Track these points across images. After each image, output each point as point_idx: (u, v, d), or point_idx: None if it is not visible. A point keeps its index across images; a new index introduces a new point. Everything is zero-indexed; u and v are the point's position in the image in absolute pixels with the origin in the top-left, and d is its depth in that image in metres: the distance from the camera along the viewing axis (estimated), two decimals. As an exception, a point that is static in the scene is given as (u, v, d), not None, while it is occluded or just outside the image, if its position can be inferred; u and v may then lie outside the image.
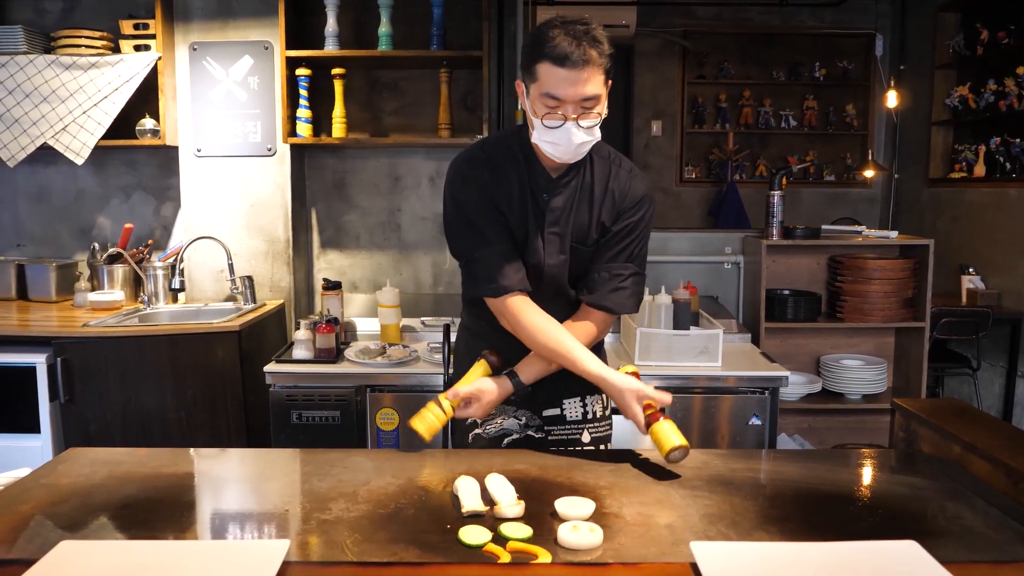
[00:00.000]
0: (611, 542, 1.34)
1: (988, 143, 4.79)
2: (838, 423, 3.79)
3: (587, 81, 1.67)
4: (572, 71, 1.65)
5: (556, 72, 1.66)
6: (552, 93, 1.68)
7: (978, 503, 1.51)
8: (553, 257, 1.90)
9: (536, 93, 1.71)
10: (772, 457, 1.95)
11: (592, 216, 1.89)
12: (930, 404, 1.90)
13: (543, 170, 1.87)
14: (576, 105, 1.69)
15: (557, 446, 2.02)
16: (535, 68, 1.70)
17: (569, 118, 1.70)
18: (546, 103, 1.70)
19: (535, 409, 2.03)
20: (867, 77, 6.47)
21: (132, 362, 3.14)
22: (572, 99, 1.68)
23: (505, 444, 2.02)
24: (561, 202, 1.87)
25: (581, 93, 1.68)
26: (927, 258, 3.61)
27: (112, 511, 1.50)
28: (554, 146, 1.75)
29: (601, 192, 1.89)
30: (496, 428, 2.02)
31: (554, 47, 1.65)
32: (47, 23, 3.87)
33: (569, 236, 1.89)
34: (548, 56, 1.66)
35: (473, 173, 1.87)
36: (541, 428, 2.03)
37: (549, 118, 1.71)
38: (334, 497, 1.54)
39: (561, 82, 1.67)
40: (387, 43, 3.62)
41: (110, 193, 4.05)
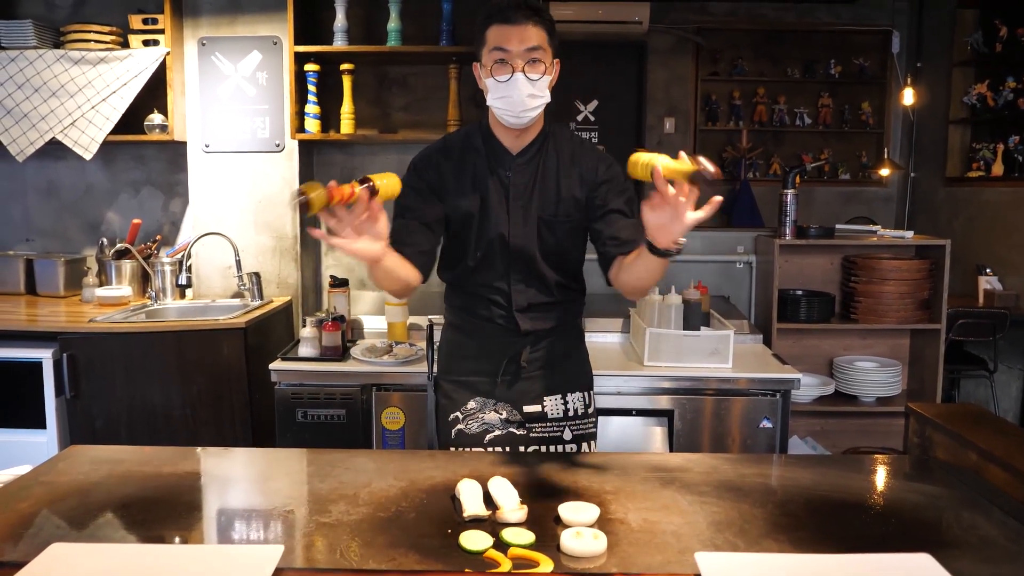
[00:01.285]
0: (615, 550, 1.31)
1: (1007, 142, 4.72)
2: (851, 426, 3.73)
3: (531, 34, 1.84)
4: (515, 26, 1.84)
5: (501, 29, 1.85)
6: (499, 45, 1.84)
7: (995, 513, 1.46)
8: (518, 228, 1.98)
9: (486, 53, 1.87)
10: (783, 462, 1.91)
11: (559, 188, 1.98)
12: (946, 409, 1.85)
13: (504, 149, 1.98)
14: (522, 56, 1.84)
15: (539, 443, 2.05)
16: (485, 34, 1.87)
17: (516, 68, 1.83)
18: (494, 57, 1.85)
19: (516, 404, 2.05)
20: (883, 74, 6.39)
21: (138, 358, 3.13)
22: (517, 49, 1.83)
23: (487, 440, 2.03)
24: (524, 177, 1.98)
25: (525, 42, 1.84)
26: (943, 259, 3.55)
27: (111, 510, 1.49)
28: (506, 100, 1.86)
29: (567, 164, 1.99)
30: (478, 424, 2.04)
31: (498, 10, 1.86)
32: (57, 17, 3.86)
33: (534, 208, 1.97)
34: (494, 18, 1.86)
35: (421, 160, 2.03)
36: (523, 425, 2.05)
37: (499, 71, 1.85)
38: (334, 499, 1.51)
39: (506, 35, 1.84)
40: (396, 38, 3.59)
41: (119, 188, 4.05)
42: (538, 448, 2.04)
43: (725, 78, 6.54)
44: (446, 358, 2.13)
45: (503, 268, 2.01)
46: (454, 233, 2.03)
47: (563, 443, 2.07)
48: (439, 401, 2.12)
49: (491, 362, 2.04)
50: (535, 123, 1.96)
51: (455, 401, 2.08)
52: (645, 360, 2.77)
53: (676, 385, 2.73)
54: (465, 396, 2.07)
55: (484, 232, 1.98)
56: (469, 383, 2.07)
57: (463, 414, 2.06)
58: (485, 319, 2.05)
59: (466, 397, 2.06)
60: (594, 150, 2.06)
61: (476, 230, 1.99)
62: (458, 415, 2.06)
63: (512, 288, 2.02)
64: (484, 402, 2.05)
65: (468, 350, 2.09)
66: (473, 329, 2.07)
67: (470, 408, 2.05)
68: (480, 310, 2.05)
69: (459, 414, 2.06)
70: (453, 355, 2.12)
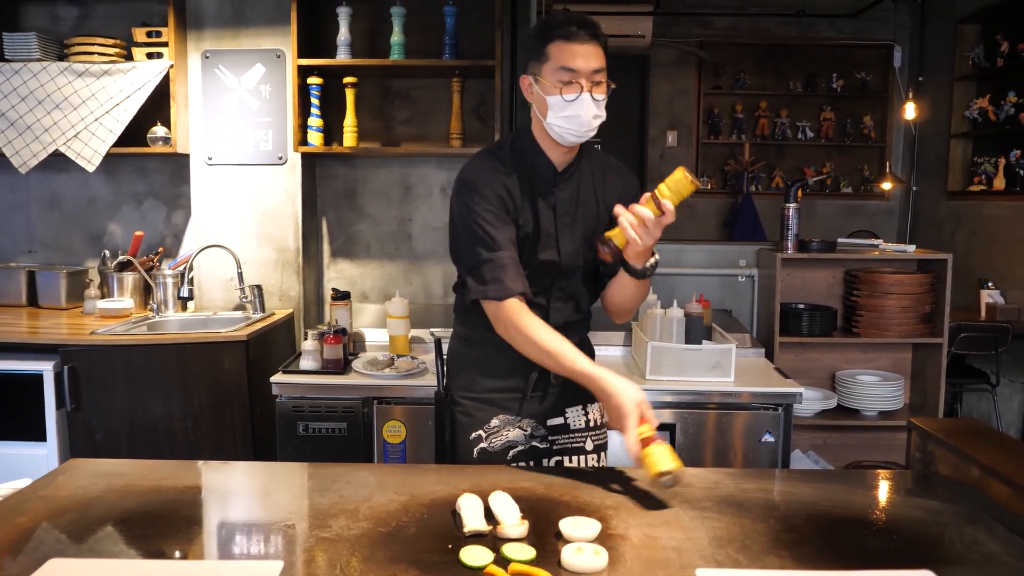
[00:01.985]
0: (616, 565, 1.30)
1: (1008, 156, 4.73)
2: (854, 440, 3.72)
3: (596, 55, 1.84)
4: (583, 45, 1.82)
5: (569, 47, 1.82)
6: (568, 65, 1.82)
7: (998, 529, 1.46)
8: (567, 246, 1.96)
9: (550, 71, 1.84)
10: (785, 477, 1.90)
11: (598, 203, 2.00)
12: (948, 424, 1.84)
13: (549, 164, 1.96)
14: (589, 77, 1.83)
15: (562, 455, 2.03)
16: (546, 49, 1.84)
17: (585, 88, 1.82)
18: (561, 77, 1.83)
19: (540, 419, 2.02)
20: (885, 88, 6.41)
21: (139, 371, 3.13)
22: (586, 70, 1.82)
23: (511, 456, 2.00)
24: (568, 193, 1.97)
25: (593, 64, 1.83)
26: (945, 272, 3.55)
27: (110, 524, 1.48)
28: (571, 120, 1.84)
29: (601, 180, 2.02)
30: (502, 441, 2.00)
31: (564, 26, 1.83)
32: (61, 30, 3.88)
33: (580, 225, 1.97)
34: (560, 36, 1.82)
35: (485, 179, 1.92)
36: (545, 438, 2.03)
37: (568, 91, 1.82)
38: (335, 514, 1.51)
39: (575, 55, 1.82)
40: (399, 52, 3.60)
41: (122, 200, 4.05)
42: (560, 460, 2.02)
43: (727, 92, 6.57)
44: (465, 375, 2.07)
45: (547, 286, 1.99)
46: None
47: (585, 454, 2.04)
48: (457, 418, 2.05)
49: (518, 379, 2.00)
50: None
51: (477, 419, 2.01)
52: (647, 374, 2.77)
53: (678, 399, 2.73)
54: (489, 414, 2.01)
55: (536, 251, 1.94)
56: (493, 400, 2.02)
57: (486, 432, 2.00)
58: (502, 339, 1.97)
59: (489, 415, 2.01)
60: (619, 167, 2.08)
61: (529, 249, 1.94)
62: (481, 433, 2.00)
63: (551, 306, 2.00)
64: (508, 420, 2.01)
65: (494, 367, 2.02)
66: (502, 346, 1.95)
67: (493, 426, 2.00)
68: None
69: (482, 432, 2.00)
70: (473, 372, 2.05)
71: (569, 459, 2.03)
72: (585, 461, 2.05)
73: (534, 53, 1.88)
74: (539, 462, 2.01)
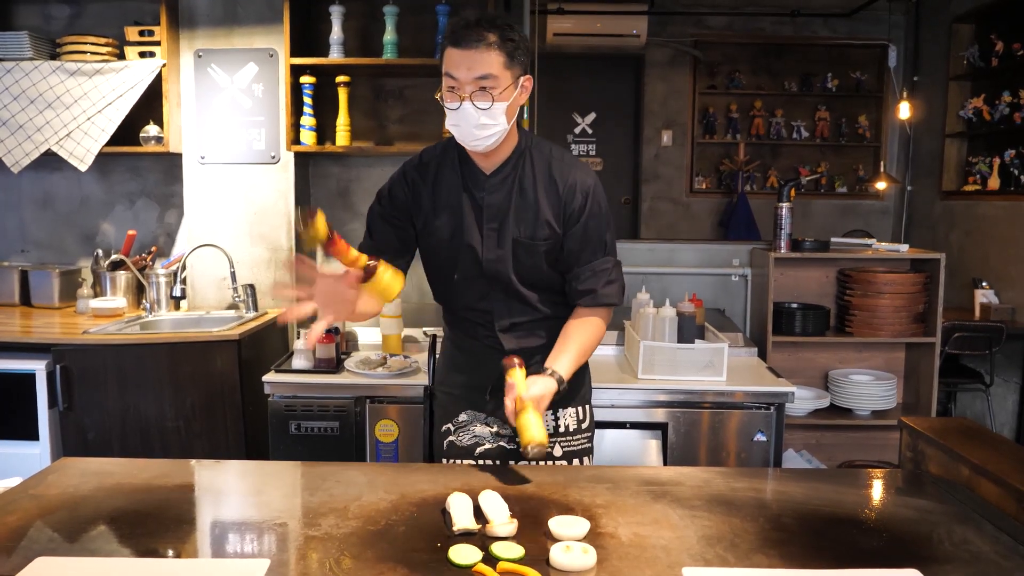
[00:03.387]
0: (604, 564, 1.30)
1: (1003, 156, 4.73)
2: (847, 439, 3.72)
3: (480, 60, 1.71)
4: (465, 51, 1.70)
5: (452, 53, 1.73)
6: (449, 72, 1.73)
7: (987, 528, 1.46)
8: (491, 252, 1.90)
9: (443, 76, 1.76)
10: (775, 476, 1.90)
11: (537, 210, 1.88)
12: (939, 423, 1.85)
13: (478, 169, 1.90)
14: (471, 84, 1.72)
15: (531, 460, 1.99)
16: (443, 54, 1.76)
17: (464, 98, 1.72)
18: (447, 83, 1.75)
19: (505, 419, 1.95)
20: (880, 88, 6.42)
21: (131, 370, 3.12)
22: (465, 76, 1.72)
23: (477, 453, 2.00)
24: (497, 199, 1.89)
25: (474, 70, 1.71)
26: (938, 272, 3.55)
27: (100, 523, 1.48)
28: (456, 128, 1.77)
29: (544, 185, 1.89)
30: (469, 436, 2.02)
31: (452, 30, 1.73)
32: (53, 29, 3.87)
33: (509, 231, 1.88)
34: (448, 39, 1.74)
35: (394, 178, 1.96)
36: (512, 439, 2.00)
37: (449, 99, 1.75)
38: (324, 512, 1.51)
39: (456, 62, 1.72)
40: (392, 51, 3.60)
41: (114, 199, 4.05)
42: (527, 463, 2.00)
43: (722, 91, 6.57)
44: (442, 370, 2.14)
45: (482, 289, 1.95)
46: (432, 252, 1.98)
47: (552, 459, 2.02)
48: (433, 411, 2.13)
49: (481, 377, 2.01)
50: (505, 143, 1.84)
51: (448, 412, 2.07)
52: (639, 373, 2.77)
53: (670, 398, 2.73)
54: (457, 408, 2.05)
55: (459, 253, 1.92)
56: (461, 395, 2.06)
57: (455, 426, 2.04)
58: (471, 337, 2.02)
59: (458, 409, 2.05)
60: (573, 169, 1.91)
61: (451, 251, 1.93)
62: (450, 426, 2.05)
63: (493, 308, 1.97)
64: (475, 415, 2.03)
65: (461, 364, 2.07)
66: (463, 344, 2.05)
67: (461, 420, 2.03)
68: (467, 328, 2.03)
69: (451, 425, 2.05)
70: (448, 367, 2.11)
71: (536, 463, 1.95)
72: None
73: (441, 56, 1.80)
74: (505, 463, 1.96)
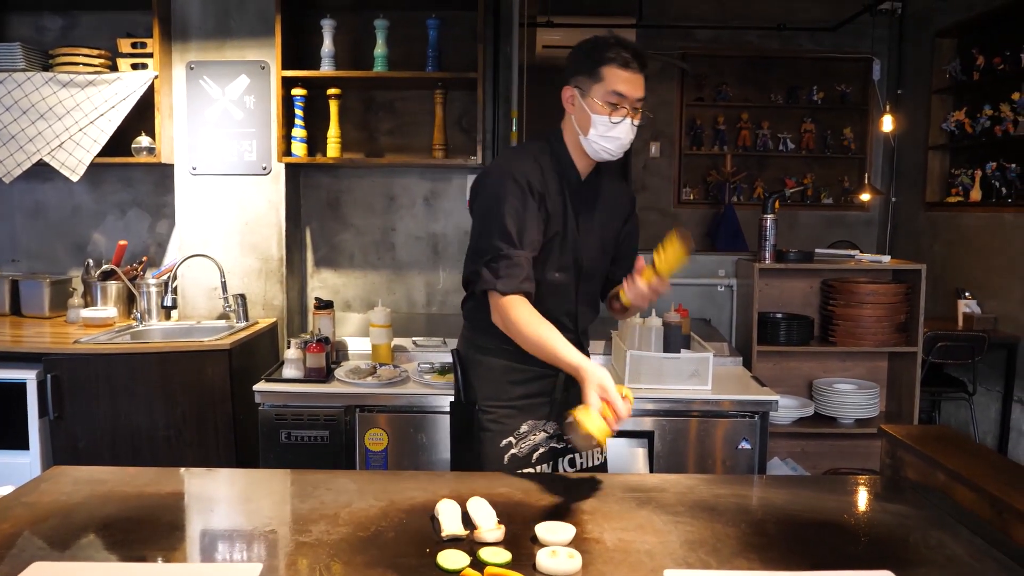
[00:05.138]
0: (589, 568, 1.33)
1: (984, 168, 4.81)
2: (831, 447, 3.77)
3: (641, 85, 1.98)
4: (634, 74, 1.96)
5: (622, 74, 1.94)
6: (619, 91, 1.94)
7: (962, 532, 1.50)
8: (590, 251, 2.10)
9: (601, 92, 1.95)
10: (757, 483, 1.94)
11: (612, 214, 2.16)
12: (917, 431, 1.89)
13: (576, 171, 2.08)
14: (634, 104, 1.97)
15: (573, 452, 2.11)
16: (599, 70, 1.95)
17: (629, 115, 1.97)
18: (611, 100, 1.95)
19: (559, 419, 2.08)
20: (865, 101, 6.50)
21: (122, 379, 3.13)
22: (632, 98, 1.96)
23: (535, 459, 2.06)
24: (589, 201, 2.11)
25: (639, 92, 1.97)
26: (920, 283, 3.61)
27: (92, 531, 1.49)
28: (612, 140, 1.99)
29: (612, 190, 2.18)
30: (529, 445, 2.07)
31: (619, 53, 1.95)
32: (46, 40, 3.90)
33: (597, 232, 2.12)
34: (615, 60, 1.94)
35: (522, 170, 1.99)
36: (561, 438, 2.09)
37: (616, 114, 1.96)
38: (315, 519, 1.53)
39: (626, 82, 1.95)
40: (383, 64, 3.64)
41: (105, 210, 4.06)
42: (572, 458, 2.11)
43: (710, 103, 6.63)
44: (492, 384, 2.10)
45: (574, 291, 2.10)
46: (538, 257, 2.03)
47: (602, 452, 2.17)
48: (486, 426, 2.07)
49: (545, 384, 2.08)
50: None
51: (507, 426, 2.06)
52: (626, 382, 2.80)
53: (656, 407, 2.76)
54: (518, 420, 2.07)
55: (564, 255, 2.05)
56: (521, 407, 2.07)
57: (516, 438, 2.06)
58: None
59: (519, 421, 2.06)
60: (623, 180, 2.24)
61: (557, 253, 2.04)
62: (511, 440, 2.06)
63: (579, 310, 2.14)
64: (535, 424, 2.08)
65: (522, 374, 2.08)
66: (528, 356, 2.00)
67: (522, 432, 2.06)
68: None
69: (512, 439, 2.06)
70: (500, 381, 2.09)
71: (580, 456, 2.12)
72: (593, 456, 2.14)
73: (585, 69, 1.98)
74: (556, 462, 2.09)
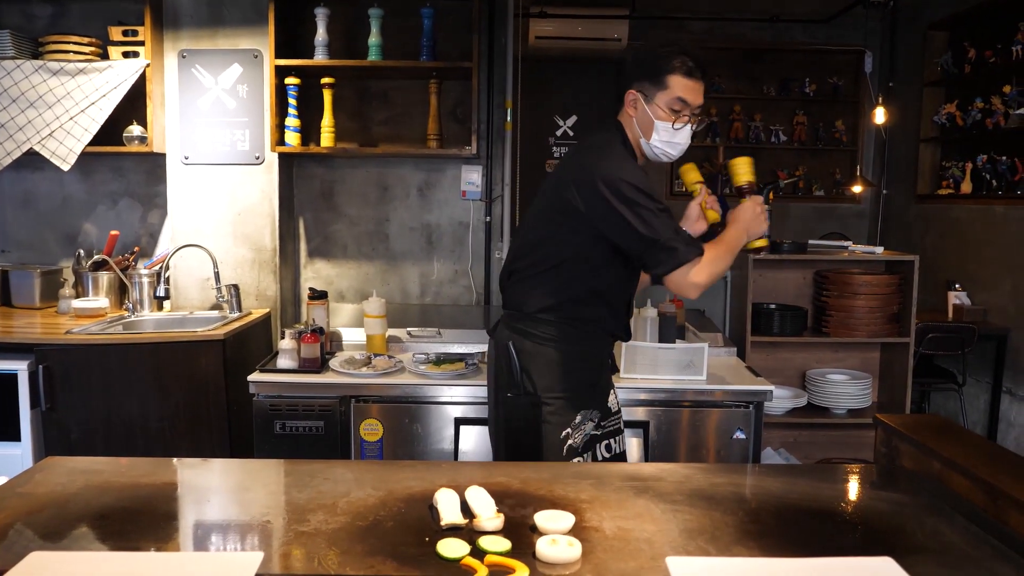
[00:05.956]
0: (589, 556, 1.33)
1: (975, 160, 4.82)
2: (824, 437, 3.79)
3: (702, 94, 2.10)
4: (698, 83, 2.07)
5: (687, 83, 2.06)
6: (683, 98, 2.06)
7: (957, 519, 1.51)
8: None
9: (665, 98, 2.07)
10: (754, 472, 1.94)
11: None
12: (911, 420, 1.90)
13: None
14: (693, 111, 2.09)
15: (607, 438, 2.20)
16: (666, 79, 2.06)
17: (690, 121, 2.09)
18: (674, 107, 2.06)
19: (601, 407, 2.17)
20: (857, 93, 6.50)
21: (115, 370, 3.12)
22: (694, 105, 2.08)
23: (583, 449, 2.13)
24: None
25: (700, 101, 2.10)
26: (912, 274, 3.62)
27: (88, 521, 1.48)
28: (672, 145, 2.12)
29: None
30: (582, 435, 2.11)
31: (684, 63, 2.05)
32: (35, 28, 3.86)
33: None
34: (680, 70, 2.05)
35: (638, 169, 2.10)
36: (599, 425, 2.15)
37: (679, 120, 2.08)
38: (313, 509, 1.53)
39: (690, 90, 2.07)
40: (377, 53, 3.62)
41: (97, 200, 4.04)
42: (608, 443, 2.19)
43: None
44: (550, 375, 2.11)
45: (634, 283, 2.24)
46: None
47: (620, 434, 2.24)
48: (546, 419, 2.09)
49: (594, 371, 2.16)
50: None
51: (565, 418, 2.09)
52: (621, 372, 2.80)
53: (651, 397, 2.76)
54: (573, 410, 2.10)
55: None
56: (572, 397, 2.11)
57: (572, 429, 2.10)
58: (611, 329, 2.20)
59: (573, 411, 2.10)
60: None
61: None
62: (569, 431, 2.09)
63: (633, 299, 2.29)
64: (587, 414, 2.12)
65: (578, 363, 2.13)
66: (594, 341, 2.18)
67: (577, 422, 2.10)
68: (613, 319, 2.19)
69: (570, 430, 2.10)
70: (556, 371, 2.12)
71: (614, 440, 2.20)
72: (620, 442, 2.23)
73: (650, 75, 2.08)
74: (595, 448, 2.15)
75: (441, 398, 2.78)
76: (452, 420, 2.79)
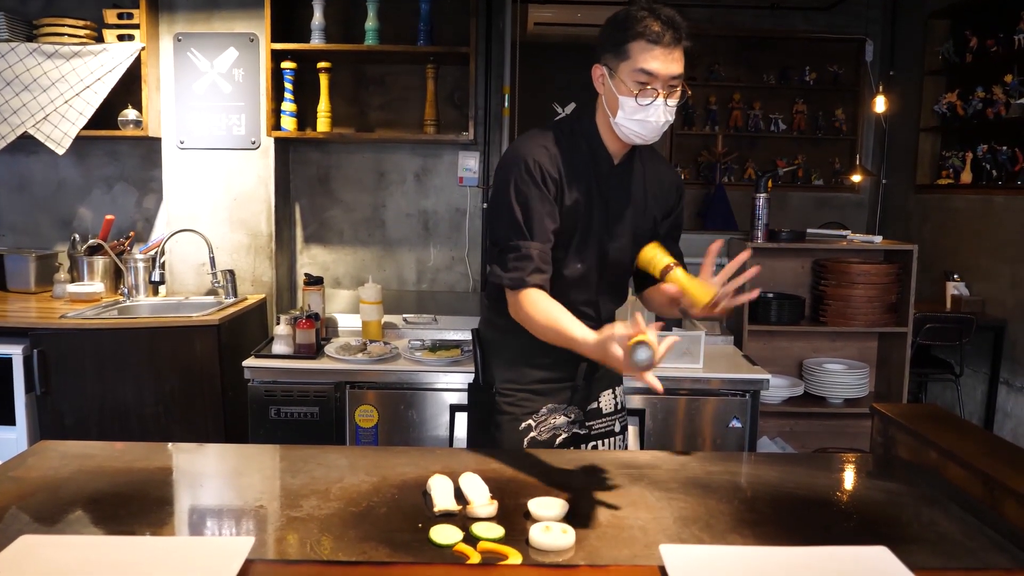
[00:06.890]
0: (583, 543, 1.33)
1: (975, 150, 4.81)
2: (820, 427, 3.79)
3: (677, 60, 1.77)
4: (665, 49, 1.74)
5: (651, 50, 1.74)
6: (646, 69, 1.74)
7: (954, 509, 1.50)
8: (617, 242, 1.95)
9: (627, 70, 1.76)
10: (749, 460, 1.94)
11: (646, 204, 1.98)
12: (908, 409, 1.89)
13: (607, 156, 1.91)
14: (665, 82, 1.76)
15: (597, 439, 2.09)
16: (627, 47, 1.76)
17: (660, 94, 1.76)
18: (639, 79, 1.76)
19: (581, 405, 2.06)
20: (857, 82, 6.48)
21: (110, 355, 3.11)
22: (664, 76, 1.75)
23: (557, 444, 2.01)
24: (621, 189, 1.93)
25: (672, 71, 1.76)
26: (911, 263, 3.61)
27: (81, 505, 1.48)
28: (642, 124, 1.80)
29: (653, 179, 1.99)
30: (549, 429, 2.01)
31: (647, 27, 1.74)
32: (30, 11, 3.83)
33: (629, 222, 1.95)
34: (642, 35, 1.74)
35: (535, 158, 1.84)
36: (583, 424, 2.06)
37: (643, 95, 1.76)
38: (306, 494, 1.52)
39: (655, 59, 1.74)
40: (374, 37, 3.59)
41: (92, 184, 4.01)
42: (596, 444, 2.09)
43: (702, 83, 6.59)
44: (511, 366, 2.02)
45: (596, 281, 1.97)
46: (559, 242, 1.89)
47: (615, 435, 2.12)
48: (504, 409, 2.00)
49: (566, 370, 2.00)
50: None
51: (526, 409, 2.00)
52: (618, 360, 2.79)
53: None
54: (538, 404, 2.00)
55: (586, 244, 1.92)
56: (543, 390, 2.01)
57: (535, 421, 2.00)
58: None
59: (539, 404, 2.00)
60: (667, 165, 2.08)
61: (579, 243, 1.91)
62: (531, 423, 2.00)
63: (600, 299, 2.01)
64: (555, 407, 2.01)
65: (544, 359, 1.99)
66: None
67: (542, 414, 2.00)
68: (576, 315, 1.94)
69: (532, 422, 2.00)
70: (519, 363, 2.01)
71: (602, 442, 2.10)
72: (615, 443, 2.12)
73: (612, 46, 1.78)
74: (578, 447, 2.05)
75: (436, 385, 2.77)
76: (447, 407, 2.78)
